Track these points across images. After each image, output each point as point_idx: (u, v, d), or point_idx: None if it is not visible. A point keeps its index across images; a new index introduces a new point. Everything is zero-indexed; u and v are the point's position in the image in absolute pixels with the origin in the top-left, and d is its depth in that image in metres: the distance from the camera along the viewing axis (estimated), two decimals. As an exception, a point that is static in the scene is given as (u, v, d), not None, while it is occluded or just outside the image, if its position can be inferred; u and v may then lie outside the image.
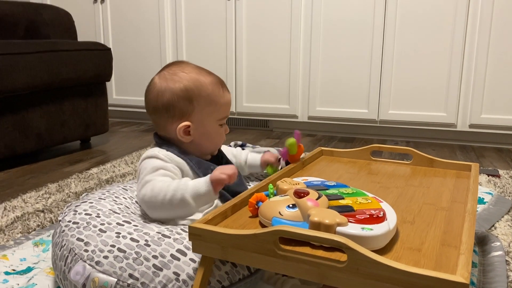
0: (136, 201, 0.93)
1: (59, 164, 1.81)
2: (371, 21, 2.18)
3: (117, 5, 2.68)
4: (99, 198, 0.87)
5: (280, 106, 2.44)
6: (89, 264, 0.70)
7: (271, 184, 0.78)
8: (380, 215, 0.63)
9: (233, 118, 2.63)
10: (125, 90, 2.77)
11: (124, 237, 0.72)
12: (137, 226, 0.75)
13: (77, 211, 0.82)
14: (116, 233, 0.73)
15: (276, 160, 1.02)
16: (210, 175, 0.78)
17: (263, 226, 0.67)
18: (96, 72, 2.00)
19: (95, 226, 0.76)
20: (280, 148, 1.11)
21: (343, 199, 0.71)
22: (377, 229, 0.59)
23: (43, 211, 1.23)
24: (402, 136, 2.33)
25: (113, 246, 0.71)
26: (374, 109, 2.26)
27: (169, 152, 0.87)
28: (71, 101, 1.93)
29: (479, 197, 1.25)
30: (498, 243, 0.97)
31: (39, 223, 1.14)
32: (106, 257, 0.70)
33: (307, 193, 0.68)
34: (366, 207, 0.66)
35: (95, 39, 2.73)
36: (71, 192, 1.40)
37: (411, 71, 2.17)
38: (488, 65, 2.04)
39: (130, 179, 1.53)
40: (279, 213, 0.65)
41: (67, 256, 0.73)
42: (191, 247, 0.64)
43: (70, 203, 0.89)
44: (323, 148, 1.15)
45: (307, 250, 0.57)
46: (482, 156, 1.96)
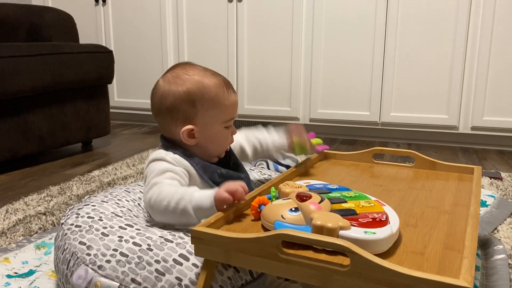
0: (138, 203, 0.93)
1: (61, 166, 1.81)
2: (372, 24, 2.18)
3: (118, 7, 2.69)
4: (101, 201, 0.87)
5: (282, 108, 2.44)
6: (91, 268, 0.70)
7: (273, 187, 0.78)
8: (383, 219, 0.63)
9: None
10: (126, 93, 2.77)
11: (126, 241, 0.72)
12: (139, 230, 0.75)
13: (79, 214, 0.82)
14: (118, 237, 0.73)
15: (304, 133, 0.99)
16: (215, 192, 0.74)
17: (265, 229, 0.67)
18: (98, 75, 2.01)
19: (97, 230, 0.76)
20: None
21: (345, 202, 0.70)
22: (380, 233, 0.59)
23: (45, 213, 1.23)
24: (403, 138, 2.33)
25: (115, 250, 0.71)
26: (375, 112, 2.25)
27: (176, 155, 0.86)
28: (73, 104, 1.94)
29: (481, 200, 1.24)
30: (501, 246, 0.97)
31: (41, 226, 1.14)
32: (108, 261, 0.70)
33: (310, 197, 0.68)
34: (368, 210, 0.66)
35: (96, 41, 2.73)
36: (73, 194, 1.40)
37: (412, 73, 2.16)
38: (490, 67, 2.03)
39: (132, 182, 1.53)
40: (282, 216, 0.65)
41: (70, 259, 0.73)
42: (194, 251, 0.63)
43: (72, 206, 0.89)
44: (325, 151, 1.14)
45: (309, 253, 0.57)
46: (484, 159, 1.96)
